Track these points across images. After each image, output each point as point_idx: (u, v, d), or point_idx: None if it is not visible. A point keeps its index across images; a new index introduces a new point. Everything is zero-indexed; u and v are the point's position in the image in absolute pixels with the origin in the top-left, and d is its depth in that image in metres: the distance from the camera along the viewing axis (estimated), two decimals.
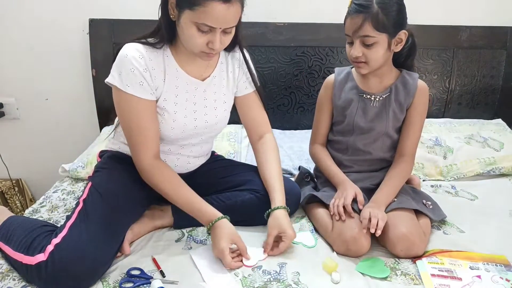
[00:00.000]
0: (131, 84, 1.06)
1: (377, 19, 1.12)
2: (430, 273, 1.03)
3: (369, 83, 1.29)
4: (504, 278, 1.02)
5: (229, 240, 1.05)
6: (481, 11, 1.92)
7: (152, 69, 1.09)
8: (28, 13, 1.83)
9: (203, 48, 1.04)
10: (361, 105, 1.29)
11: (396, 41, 1.18)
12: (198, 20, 0.98)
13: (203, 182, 1.29)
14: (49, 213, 1.32)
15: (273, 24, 1.84)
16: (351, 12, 1.16)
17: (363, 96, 1.28)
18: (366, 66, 1.20)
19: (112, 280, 1.00)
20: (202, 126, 1.20)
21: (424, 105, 1.29)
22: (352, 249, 1.09)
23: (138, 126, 1.09)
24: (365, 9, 1.12)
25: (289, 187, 1.26)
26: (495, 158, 1.60)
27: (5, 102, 1.95)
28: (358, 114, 1.28)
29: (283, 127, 1.94)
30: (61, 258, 0.95)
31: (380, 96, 1.27)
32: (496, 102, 2.00)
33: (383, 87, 1.28)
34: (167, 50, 1.13)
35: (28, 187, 2.13)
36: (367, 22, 1.12)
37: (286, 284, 1.00)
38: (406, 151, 1.29)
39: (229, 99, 1.25)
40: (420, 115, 1.28)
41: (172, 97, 1.14)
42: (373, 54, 1.17)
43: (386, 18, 1.12)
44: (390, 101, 1.27)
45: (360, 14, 1.13)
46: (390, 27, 1.14)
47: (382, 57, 1.19)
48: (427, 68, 1.92)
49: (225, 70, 1.23)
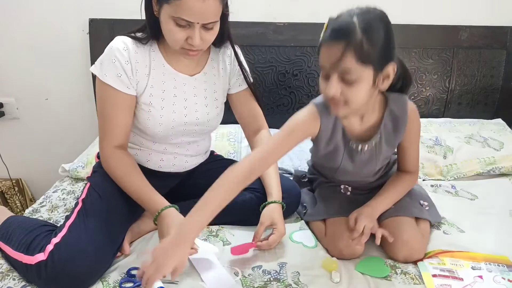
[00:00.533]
0: (109, 74, 1.07)
1: (361, 48, 0.87)
2: (432, 274, 1.03)
3: (350, 124, 1.08)
4: (506, 278, 1.02)
5: None
6: (481, 11, 1.91)
7: (135, 62, 1.09)
8: (28, 13, 1.83)
9: (182, 44, 1.04)
10: (347, 151, 1.12)
11: (383, 77, 0.94)
12: (175, 14, 0.98)
13: (202, 182, 1.28)
14: (49, 213, 1.32)
15: (273, 24, 1.84)
16: (328, 38, 0.91)
17: (349, 144, 1.10)
18: (345, 108, 0.95)
19: (112, 279, 1.00)
20: (192, 122, 1.20)
21: (418, 126, 1.14)
22: (345, 254, 1.09)
23: (108, 115, 1.11)
24: (345, 36, 0.87)
25: (289, 187, 1.27)
26: (495, 157, 1.60)
27: (5, 102, 1.96)
28: (345, 160, 1.13)
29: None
30: (61, 257, 0.95)
31: (368, 144, 1.10)
32: (496, 102, 2.00)
33: (370, 130, 1.09)
34: (154, 46, 1.13)
35: (28, 187, 2.13)
36: (349, 52, 0.87)
37: (286, 284, 1.00)
38: (409, 169, 1.20)
39: (220, 96, 1.25)
40: (415, 138, 1.16)
41: (158, 93, 1.14)
42: (354, 93, 0.92)
43: (372, 48, 0.87)
44: (380, 145, 1.11)
45: (340, 41, 0.88)
46: (376, 59, 0.89)
47: (365, 96, 0.94)
48: (427, 68, 1.92)
49: (216, 66, 1.23)
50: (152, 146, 1.22)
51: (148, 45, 1.12)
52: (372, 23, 0.88)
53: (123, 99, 1.10)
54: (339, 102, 0.94)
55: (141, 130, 1.18)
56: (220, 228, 1.22)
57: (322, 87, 0.96)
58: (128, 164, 1.13)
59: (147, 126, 1.15)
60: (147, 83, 1.12)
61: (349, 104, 0.94)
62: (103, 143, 1.13)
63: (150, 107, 1.14)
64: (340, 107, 0.96)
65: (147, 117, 1.14)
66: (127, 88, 1.09)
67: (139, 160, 1.23)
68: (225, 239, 1.17)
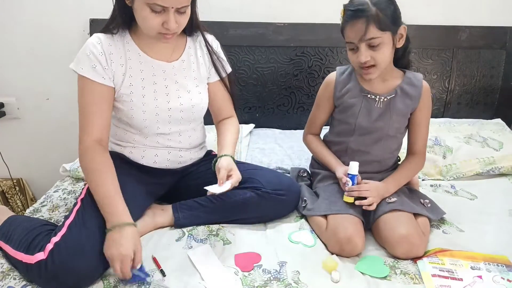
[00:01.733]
0: (84, 66, 1.11)
1: (379, 19, 1.11)
2: (431, 273, 1.03)
3: (372, 84, 1.27)
4: (506, 278, 1.02)
5: (134, 247, 0.98)
6: (480, 11, 1.92)
7: (109, 54, 1.13)
8: (29, 13, 1.83)
9: (159, 29, 1.07)
10: (365, 105, 1.27)
11: (398, 37, 1.18)
12: (149, 0, 1.02)
13: (202, 181, 1.29)
14: (50, 213, 1.33)
15: (273, 24, 1.84)
16: (349, 19, 1.15)
17: (367, 96, 1.26)
18: (375, 70, 1.18)
19: (113, 278, 1.00)
20: (177, 108, 1.21)
21: (429, 104, 1.30)
22: (346, 249, 1.10)
23: (86, 109, 1.12)
24: (364, 12, 1.11)
25: (288, 184, 1.27)
26: (495, 157, 1.60)
27: (6, 102, 1.96)
28: (362, 114, 1.27)
29: (283, 127, 1.95)
30: (61, 256, 0.96)
31: (385, 97, 1.25)
32: (496, 102, 2.00)
33: (387, 88, 1.26)
34: (127, 36, 1.17)
35: (29, 186, 2.13)
36: (371, 24, 1.11)
37: (286, 283, 1.01)
38: (417, 149, 1.31)
39: (201, 83, 1.27)
40: (426, 115, 1.30)
41: (138, 81, 1.17)
42: (381, 55, 1.15)
43: (386, 17, 1.12)
44: (395, 103, 1.25)
45: (360, 18, 1.12)
46: (391, 24, 1.14)
47: (389, 56, 1.19)
48: (427, 68, 1.93)
49: (193, 54, 1.26)
50: (144, 141, 1.23)
51: (122, 37, 1.16)
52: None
53: (100, 90, 1.12)
54: (370, 67, 1.17)
55: (128, 123, 1.20)
56: (220, 227, 1.22)
57: (353, 58, 1.20)
58: (106, 162, 1.11)
59: (132, 116, 1.17)
60: (124, 73, 1.15)
61: (377, 66, 1.17)
62: (83, 137, 1.12)
63: (131, 96, 1.16)
64: (372, 71, 1.18)
65: (130, 107, 1.17)
66: (102, 78, 1.12)
67: (134, 158, 1.24)
68: (225, 239, 1.18)
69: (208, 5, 1.28)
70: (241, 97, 1.90)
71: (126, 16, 1.13)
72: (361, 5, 1.12)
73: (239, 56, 1.86)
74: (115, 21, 1.15)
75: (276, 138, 1.83)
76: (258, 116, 1.96)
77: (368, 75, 1.20)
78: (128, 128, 1.22)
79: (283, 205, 1.27)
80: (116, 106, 1.19)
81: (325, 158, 1.34)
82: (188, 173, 1.33)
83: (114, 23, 1.15)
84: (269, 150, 1.71)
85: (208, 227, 1.22)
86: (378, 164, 1.32)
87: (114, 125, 1.25)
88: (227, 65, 1.32)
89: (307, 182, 1.42)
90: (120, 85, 1.15)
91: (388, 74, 1.26)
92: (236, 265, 1.07)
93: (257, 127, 1.92)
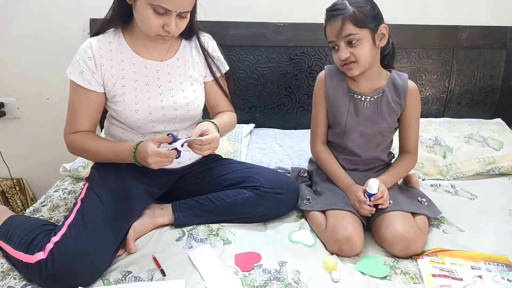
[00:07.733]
0: (73, 71, 1.16)
1: (355, 16, 1.16)
2: (431, 273, 1.03)
3: (359, 85, 1.30)
4: (506, 278, 1.02)
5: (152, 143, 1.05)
6: (480, 11, 1.91)
7: (99, 57, 1.15)
8: (29, 13, 1.83)
9: (159, 30, 1.08)
10: (352, 104, 1.29)
11: (379, 36, 1.21)
12: (154, 2, 1.03)
13: (201, 181, 1.30)
14: (50, 212, 1.33)
15: (273, 24, 1.84)
16: (328, 19, 1.21)
17: (354, 96, 1.29)
18: (356, 66, 1.21)
19: (113, 278, 1.01)
20: (170, 106, 1.21)
21: (417, 105, 1.32)
22: (344, 248, 1.10)
23: (72, 107, 1.20)
24: (341, 11, 1.17)
25: (287, 183, 1.28)
26: (495, 157, 1.60)
27: (6, 102, 1.96)
28: (350, 113, 1.29)
29: (283, 127, 1.95)
30: (61, 256, 0.96)
31: (371, 96, 1.28)
32: (496, 101, 2.00)
33: (374, 88, 1.29)
34: (121, 38, 1.18)
35: (29, 186, 2.13)
36: (347, 21, 1.16)
37: (286, 283, 1.01)
38: (409, 149, 1.34)
39: (196, 81, 1.27)
40: (415, 115, 1.32)
41: (130, 82, 1.18)
42: (360, 51, 1.19)
43: (363, 14, 1.16)
44: (381, 103, 1.28)
45: (337, 17, 1.17)
46: (369, 22, 1.17)
47: (370, 53, 1.21)
48: (427, 68, 1.93)
49: (188, 52, 1.26)
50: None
51: (115, 38, 1.18)
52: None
53: (86, 95, 1.17)
54: (350, 63, 1.21)
55: (123, 122, 1.21)
56: (220, 227, 1.22)
57: (335, 57, 1.24)
58: (92, 135, 1.20)
59: (126, 116, 1.18)
60: (116, 75, 1.16)
61: (358, 62, 1.20)
62: (65, 131, 1.21)
63: (123, 97, 1.17)
64: (352, 67, 1.21)
65: (123, 107, 1.18)
66: (89, 83, 1.15)
67: None
68: (226, 238, 1.18)
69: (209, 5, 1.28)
70: (241, 97, 1.90)
71: (124, 14, 1.13)
72: (339, 5, 1.19)
73: (239, 56, 1.86)
74: (112, 18, 1.16)
75: (276, 137, 1.83)
76: (258, 116, 1.96)
77: (350, 70, 1.23)
78: (124, 127, 1.23)
79: (282, 204, 1.27)
80: (110, 106, 1.20)
81: (335, 171, 1.31)
82: (188, 172, 1.33)
83: (111, 19, 1.16)
84: (269, 150, 1.72)
85: (208, 226, 1.22)
86: (370, 162, 1.34)
87: (112, 124, 1.25)
88: (224, 64, 1.32)
89: (307, 182, 1.42)
90: (112, 87, 1.17)
91: (375, 75, 1.29)
92: (236, 265, 1.07)
93: (257, 127, 1.92)
